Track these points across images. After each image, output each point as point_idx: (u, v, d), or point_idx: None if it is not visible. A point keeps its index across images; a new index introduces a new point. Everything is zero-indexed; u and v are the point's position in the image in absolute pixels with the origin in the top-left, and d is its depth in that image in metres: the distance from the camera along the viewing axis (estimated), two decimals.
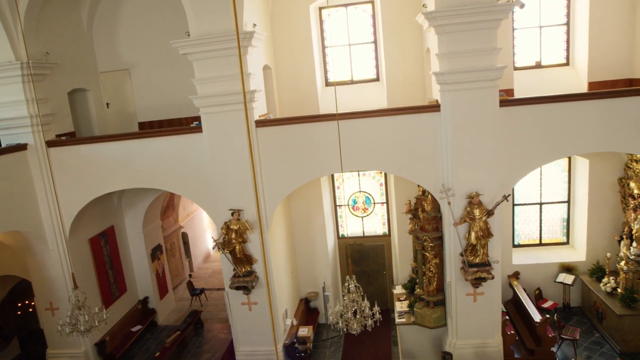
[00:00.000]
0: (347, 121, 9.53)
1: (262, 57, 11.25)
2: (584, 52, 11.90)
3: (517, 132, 9.49)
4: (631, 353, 10.57)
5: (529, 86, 11.88)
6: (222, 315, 14.37)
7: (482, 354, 10.23)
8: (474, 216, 9.25)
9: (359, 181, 13.17)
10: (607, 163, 11.78)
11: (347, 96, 12.44)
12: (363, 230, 13.47)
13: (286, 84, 12.56)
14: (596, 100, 9.28)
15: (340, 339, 12.51)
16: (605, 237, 12.15)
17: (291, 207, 12.75)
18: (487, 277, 9.48)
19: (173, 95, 12.66)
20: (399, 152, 9.67)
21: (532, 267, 12.65)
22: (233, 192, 10.02)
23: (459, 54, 8.90)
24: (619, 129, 9.31)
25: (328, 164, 9.85)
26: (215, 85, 9.59)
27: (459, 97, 9.10)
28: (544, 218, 13.07)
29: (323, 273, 13.01)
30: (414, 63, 12.15)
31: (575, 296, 12.65)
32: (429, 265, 10.44)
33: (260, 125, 9.93)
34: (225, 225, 10.01)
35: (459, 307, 10.12)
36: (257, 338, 10.76)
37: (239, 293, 10.50)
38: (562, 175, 12.76)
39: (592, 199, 12.06)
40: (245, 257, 10.20)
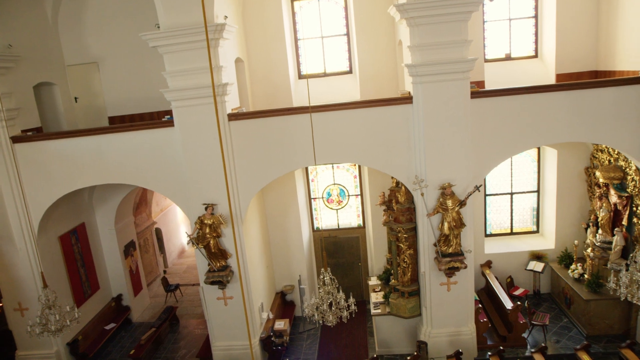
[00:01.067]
0: (320, 114, 9.53)
1: (234, 49, 11.14)
2: (551, 45, 12.14)
3: (488, 124, 9.65)
4: (597, 336, 10.92)
5: (500, 78, 12.09)
6: (197, 311, 14.27)
7: (456, 341, 10.42)
8: (447, 207, 9.38)
9: (333, 174, 13.21)
10: (574, 153, 12.08)
11: (320, 89, 12.45)
12: (338, 222, 13.53)
13: (259, 76, 12.47)
14: (563, 91, 9.50)
15: (316, 331, 12.57)
16: (573, 225, 12.49)
17: (266, 201, 12.71)
18: (460, 266, 9.65)
19: (144, 88, 12.42)
20: (372, 144, 9.72)
21: (503, 255, 12.92)
22: (206, 186, 9.93)
23: (430, 46, 8.97)
24: (585, 120, 9.56)
25: (302, 157, 9.84)
26: (187, 79, 9.44)
27: (431, 89, 9.18)
28: (514, 208, 13.35)
29: (298, 266, 13.04)
30: (387, 55, 12.21)
31: (545, 283, 12.98)
32: (403, 256, 10.56)
33: (233, 118, 9.83)
34: (199, 220, 9.92)
35: (433, 297, 10.28)
36: (234, 332, 10.72)
37: (214, 288, 10.44)
38: (532, 165, 13.03)
39: (561, 188, 12.36)
40: (219, 252, 10.13)
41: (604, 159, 11.24)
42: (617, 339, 10.70)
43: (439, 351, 10.39)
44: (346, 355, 11.50)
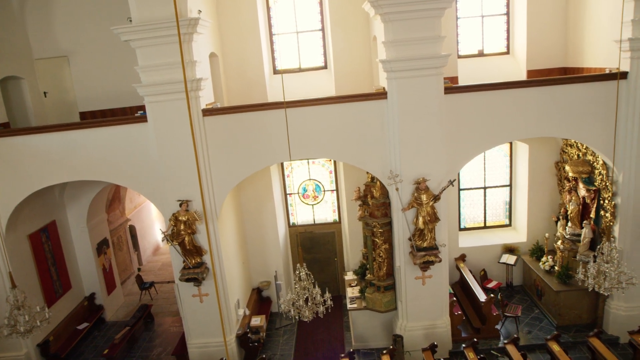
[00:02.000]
0: (295, 109, 9.51)
1: (209, 44, 11.02)
2: (522, 42, 12.37)
3: (461, 119, 9.77)
4: (566, 326, 11.20)
5: (473, 74, 12.26)
6: (172, 309, 14.13)
7: (431, 334, 10.56)
8: (422, 201, 9.48)
9: (309, 169, 13.21)
10: (545, 148, 12.33)
11: (295, 84, 12.42)
12: (314, 218, 13.55)
13: (233, 71, 12.37)
14: (534, 87, 9.69)
15: (293, 326, 12.59)
16: (544, 218, 12.76)
17: (241, 197, 12.63)
18: (435, 260, 9.76)
19: (116, 83, 12.20)
20: (347, 139, 9.75)
21: (477, 249, 13.13)
22: (181, 182, 9.80)
23: (404, 42, 9.02)
24: (554, 115, 9.78)
25: (277, 153, 9.81)
26: (160, 74, 9.29)
27: (405, 84, 9.25)
28: (488, 202, 13.57)
29: (275, 262, 13.01)
30: (362, 51, 12.25)
31: (517, 275, 13.25)
32: (378, 251, 10.64)
33: (207, 114, 9.74)
34: (174, 217, 9.80)
35: (409, 291, 10.38)
36: (209, 330, 10.63)
37: (190, 285, 10.34)
38: (504, 160, 13.26)
39: (532, 183, 12.62)
40: (194, 249, 10.03)
41: (573, 153, 11.51)
42: (585, 328, 11.00)
43: (415, 344, 10.51)
44: (323, 350, 11.55)
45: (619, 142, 9.66)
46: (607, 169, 10.24)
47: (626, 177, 9.82)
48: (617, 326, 10.56)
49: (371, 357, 11.05)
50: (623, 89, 9.44)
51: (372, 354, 11.14)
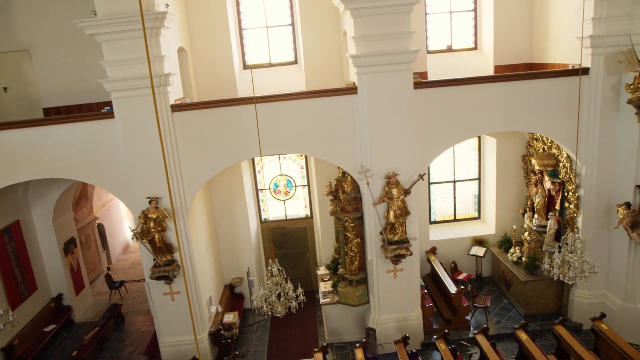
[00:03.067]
0: (266, 104, 9.46)
1: (177, 39, 10.85)
2: (489, 38, 12.59)
3: (431, 114, 9.90)
4: (533, 315, 11.50)
5: (442, 69, 12.42)
6: (143, 307, 13.93)
7: (403, 327, 10.69)
8: (392, 195, 9.57)
9: (280, 165, 13.17)
10: (512, 142, 12.59)
11: (265, 79, 12.36)
12: (285, 213, 13.53)
13: (203, 67, 12.22)
14: (501, 82, 9.90)
15: (266, 322, 12.57)
16: (512, 210, 13.05)
17: (212, 193, 12.51)
18: (406, 253, 9.88)
19: (82, 78, 11.87)
20: (318, 134, 9.76)
21: (447, 242, 13.33)
22: (150, 179, 9.64)
23: (374, 37, 9.07)
24: (520, 110, 10.00)
25: (247, 148, 9.74)
26: (127, 69, 9.10)
27: (375, 79, 9.30)
28: (457, 195, 13.79)
29: (247, 258, 12.95)
30: (332, 46, 12.26)
31: (486, 267, 13.52)
32: (350, 245, 10.70)
33: (176, 109, 9.60)
34: (143, 214, 9.64)
35: (381, 284, 10.48)
36: (182, 328, 10.53)
37: (161, 283, 10.19)
38: (473, 154, 13.49)
39: (500, 176, 12.87)
40: (165, 246, 9.90)
41: (538, 147, 11.79)
42: (551, 316, 11.31)
43: (387, 337, 10.63)
44: (296, 345, 11.57)
45: (581, 135, 9.94)
46: (570, 162, 10.53)
47: (588, 170, 10.13)
48: (581, 313, 10.92)
49: (344, 351, 11.13)
50: (585, 85, 9.71)
51: (345, 348, 11.22)
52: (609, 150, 9.95)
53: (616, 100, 9.66)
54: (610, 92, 9.63)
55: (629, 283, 10.19)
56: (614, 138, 9.88)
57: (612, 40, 9.26)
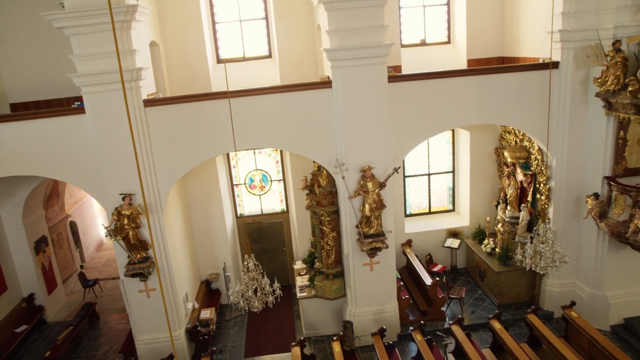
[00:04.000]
0: (240, 99, 9.39)
1: (149, 32, 10.67)
2: (462, 32, 12.70)
3: (405, 107, 9.96)
4: (507, 304, 11.73)
5: (415, 63, 12.48)
6: (118, 305, 13.74)
7: (380, 319, 10.79)
8: (368, 189, 9.62)
9: (255, 159, 13.10)
10: (485, 135, 12.77)
11: (239, 73, 12.26)
12: (261, 208, 13.48)
13: (175, 61, 12.05)
14: (474, 76, 10.00)
15: (243, 318, 12.53)
16: (485, 202, 13.25)
17: (187, 189, 12.38)
18: (381, 246, 9.96)
19: (51, 73, 11.57)
20: (293, 128, 9.74)
21: (423, 234, 13.47)
22: (123, 175, 9.50)
23: (348, 31, 9.07)
24: (493, 103, 10.14)
25: (222, 143, 9.67)
26: (97, 63, 8.92)
27: (349, 73, 9.32)
28: (432, 188, 13.94)
29: (223, 254, 12.87)
30: (306, 40, 12.22)
31: (461, 258, 13.72)
32: (326, 239, 10.73)
33: (149, 104, 9.46)
34: (116, 211, 9.50)
35: (357, 277, 10.55)
36: (158, 325, 10.43)
37: (136, 280, 10.07)
38: (447, 147, 13.64)
39: (473, 168, 13.05)
40: (139, 243, 9.77)
41: (511, 139, 11.98)
42: (524, 305, 11.54)
43: (364, 329, 10.71)
44: (274, 340, 11.57)
45: (552, 128, 10.14)
46: (542, 154, 10.74)
47: (559, 162, 10.34)
48: (552, 302, 11.18)
49: (322, 344, 11.18)
50: (555, 78, 9.90)
51: (322, 341, 11.27)
52: (579, 143, 10.18)
53: (585, 94, 9.88)
54: (579, 86, 9.84)
55: (597, 271, 10.47)
56: (583, 131, 10.10)
57: (580, 34, 9.44)
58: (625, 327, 10.50)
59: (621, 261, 10.31)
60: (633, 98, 8.50)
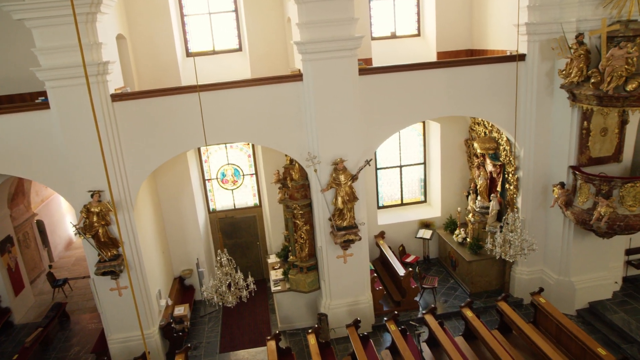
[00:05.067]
0: (210, 93, 9.28)
1: (115, 25, 10.44)
2: (432, 24, 12.82)
3: (376, 99, 10.02)
4: (478, 293, 11.97)
5: (386, 55, 12.54)
6: (90, 305, 13.48)
7: (354, 311, 10.87)
8: (340, 182, 9.65)
9: (227, 154, 12.99)
10: (455, 126, 12.95)
11: (209, 67, 12.11)
12: (234, 202, 13.39)
13: (143, 54, 11.83)
14: (443, 68, 10.11)
15: (218, 313, 12.46)
16: (456, 193, 13.46)
17: (158, 184, 12.20)
18: (355, 239, 10.02)
19: (12, 67, 11.17)
20: (264, 122, 9.68)
21: (395, 226, 13.61)
22: (91, 172, 9.27)
23: (318, 23, 9.04)
24: (462, 95, 10.29)
25: (192, 138, 9.54)
26: (61, 56, 8.66)
27: (320, 66, 9.30)
28: (404, 180, 14.07)
29: (196, 249, 12.75)
30: (277, 32, 12.15)
31: (433, 249, 13.92)
32: (300, 233, 10.74)
33: (117, 99, 9.26)
34: (85, 209, 9.30)
35: (331, 270, 10.60)
36: (131, 323, 10.28)
37: (107, 279, 9.89)
38: (418, 139, 13.78)
39: (444, 160, 13.23)
40: (110, 241, 9.59)
41: (480, 131, 12.19)
42: (494, 293, 11.80)
43: (339, 321, 10.78)
44: (249, 334, 11.55)
45: (519, 119, 10.35)
46: (510, 144, 10.96)
47: (526, 152, 10.58)
48: (521, 289, 11.46)
49: (297, 337, 11.21)
50: (522, 70, 10.09)
51: (298, 334, 11.31)
52: (545, 133, 10.42)
53: (550, 85, 10.11)
54: (545, 78, 10.06)
55: (563, 258, 10.78)
56: (549, 121, 10.35)
57: (545, 27, 9.64)
58: (590, 310, 10.86)
59: (586, 248, 10.64)
60: (595, 89, 8.74)
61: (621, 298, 11.00)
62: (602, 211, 9.19)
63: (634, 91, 8.30)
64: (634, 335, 9.81)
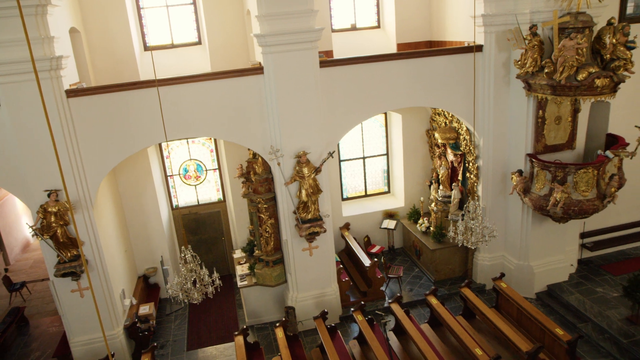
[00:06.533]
0: (169, 87, 9.10)
1: (68, 18, 10.09)
2: (391, 16, 12.93)
3: (338, 92, 10.04)
4: (442, 280, 12.23)
5: (347, 48, 12.59)
6: (50, 308, 13.10)
7: (321, 303, 10.93)
8: (303, 174, 9.66)
9: (189, 149, 12.80)
10: (417, 117, 13.13)
11: (168, 61, 11.89)
12: (197, 198, 13.22)
13: (99, 48, 11.49)
14: (403, 60, 10.21)
15: (184, 311, 12.32)
16: (419, 183, 13.67)
17: (118, 182, 11.92)
18: (320, 231, 10.06)
19: None
20: (225, 116, 9.57)
21: (360, 217, 13.72)
22: (46, 171, 8.95)
23: (277, 15, 8.97)
24: (422, 86, 10.43)
25: (153, 134, 9.34)
26: (10, 51, 8.26)
27: (280, 58, 9.25)
28: (367, 171, 14.20)
29: (160, 247, 12.54)
30: (236, 25, 12.02)
31: (398, 238, 14.12)
32: (265, 226, 10.70)
33: (72, 95, 8.96)
34: (42, 209, 8.98)
35: (297, 263, 10.62)
36: (94, 325, 10.03)
37: (68, 280, 9.60)
38: (381, 130, 13.91)
39: (406, 150, 13.40)
40: (69, 241, 9.31)
41: (441, 121, 12.39)
42: (458, 280, 12.08)
43: (307, 313, 10.82)
44: (216, 331, 11.47)
45: (478, 109, 10.58)
46: (470, 134, 11.19)
47: (486, 141, 10.82)
48: (484, 275, 11.77)
49: (265, 332, 11.20)
50: (479, 61, 10.31)
51: (266, 328, 11.30)
52: (503, 123, 10.69)
53: (507, 76, 10.36)
54: (502, 68, 10.30)
55: (522, 243, 11.12)
56: (506, 111, 10.62)
57: (501, 19, 9.86)
58: (548, 293, 11.26)
59: (543, 233, 11.00)
60: (549, 79, 9.01)
61: (577, 280, 11.44)
62: (557, 197, 9.51)
63: (585, 80, 8.60)
64: (588, 314, 10.23)
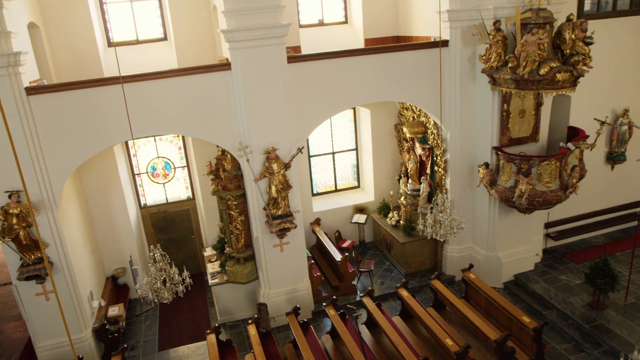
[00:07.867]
0: (135, 84, 8.92)
1: (26, 13, 9.76)
2: (359, 11, 12.98)
3: (306, 87, 10.04)
4: (413, 273, 12.41)
5: (314, 43, 12.58)
6: (14, 313, 12.68)
7: (293, 298, 10.95)
8: (273, 170, 9.64)
9: (156, 146, 12.58)
10: (385, 112, 13.24)
11: (133, 57, 11.65)
12: (166, 196, 13.01)
13: (60, 44, 11.16)
14: (371, 55, 10.29)
15: (155, 311, 12.15)
16: (388, 177, 13.80)
17: (84, 181, 11.63)
18: (290, 227, 10.06)
19: None
20: (193, 113, 9.45)
21: (330, 212, 13.77)
22: (7, 171, 8.66)
23: (244, 11, 8.88)
24: (390, 81, 10.53)
25: (118, 131, 9.15)
26: None
27: (247, 54, 9.18)
28: (337, 166, 14.24)
29: (128, 247, 12.31)
30: (202, 21, 11.87)
31: (368, 233, 14.23)
32: (235, 223, 10.64)
33: (33, 92, 8.68)
34: (3, 210, 8.71)
35: (268, 259, 10.60)
36: (60, 328, 9.77)
37: (32, 283, 9.35)
38: (349, 125, 13.97)
39: (375, 145, 13.50)
40: (33, 243, 9.06)
41: (409, 116, 12.53)
42: (428, 272, 12.26)
43: (279, 310, 10.83)
44: (188, 330, 11.36)
45: (444, 103, 10.74)
46: (437, 128, 11.35)
47: (453, 135, 11.01)
48: (453, 266, 12.00)
49: (238, 329, 11.15)
50: (445, 56, 10.46)
51: (238, 326, 11.25)
52: (469, 116, 10.88)
53: (472, 70, 10.55)
54: (467, 63, 10.48)
55: (490, 235, 11.37)
56: (472, 105, 10.81)
57: (465, 14, 10.03)
58: (515, 282, 11.55)
59: (510, 224, 11.26)
60: (512, 73, 9.21)
61: (542, 269, 11.78)
62: (522, 188, 9.75)
63: (547, 75, 8.82)
64: (552, 302, 10.55)
